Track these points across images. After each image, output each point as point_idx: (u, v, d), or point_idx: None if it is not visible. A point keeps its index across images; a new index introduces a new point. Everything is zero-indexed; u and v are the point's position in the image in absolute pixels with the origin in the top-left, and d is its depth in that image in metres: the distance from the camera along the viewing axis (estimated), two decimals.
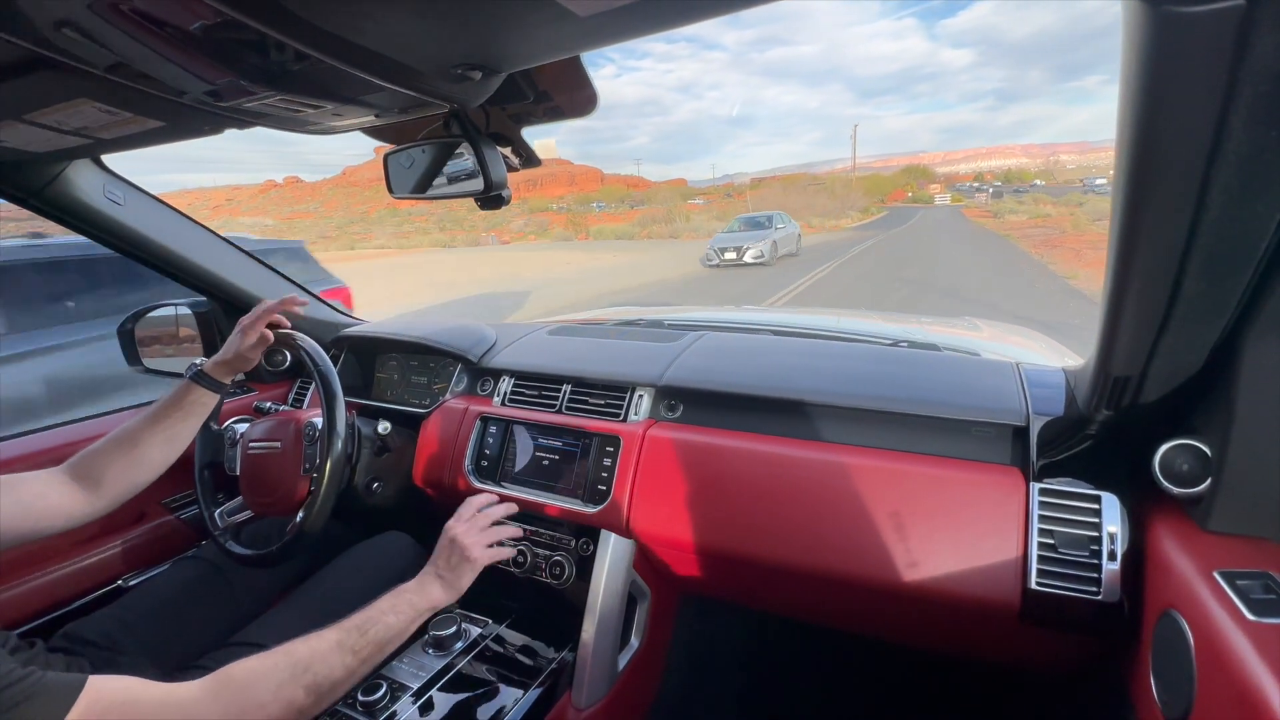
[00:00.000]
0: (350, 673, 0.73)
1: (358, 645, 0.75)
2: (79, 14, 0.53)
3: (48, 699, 0.53)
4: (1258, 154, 0.42)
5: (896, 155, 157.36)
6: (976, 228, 29.23)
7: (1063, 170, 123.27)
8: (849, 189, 62.93)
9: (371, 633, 0.77)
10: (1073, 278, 10.37)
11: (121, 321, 1.45)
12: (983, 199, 65.66)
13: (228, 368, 1.01)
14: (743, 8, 0.55)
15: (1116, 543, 0.79)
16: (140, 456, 0.93)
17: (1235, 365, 0.60)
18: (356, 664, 0.74)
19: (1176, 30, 0.37)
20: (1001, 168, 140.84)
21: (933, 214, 50.26)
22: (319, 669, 0.70)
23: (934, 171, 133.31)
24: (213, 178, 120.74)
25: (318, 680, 0.69)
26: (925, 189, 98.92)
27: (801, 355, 1.22)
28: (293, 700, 0.66)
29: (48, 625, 1.17)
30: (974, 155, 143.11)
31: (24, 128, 0.86)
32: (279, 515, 1.14)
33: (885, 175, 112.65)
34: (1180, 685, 0.59)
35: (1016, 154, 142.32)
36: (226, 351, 1.02)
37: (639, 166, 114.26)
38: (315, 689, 0.68)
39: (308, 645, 0.71)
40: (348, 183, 42.09)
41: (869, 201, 65.88)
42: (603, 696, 1.07)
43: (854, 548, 0.92)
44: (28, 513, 0.81)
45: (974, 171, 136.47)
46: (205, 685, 0.63)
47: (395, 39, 0.61)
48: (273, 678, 0.66)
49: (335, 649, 0.73)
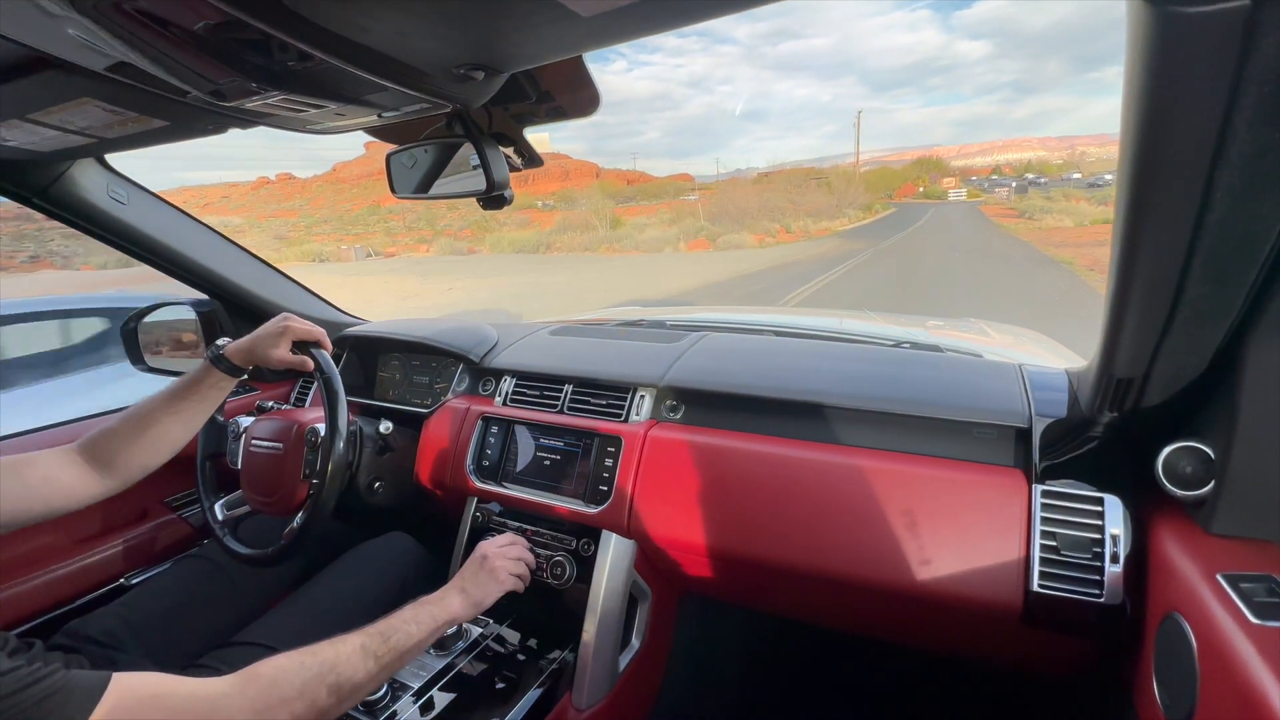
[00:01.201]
0: (370, 677, 0.74)
1: (380, 651, 0.76)
2: (83, 14, 0.53)
3: (73, 696, 0.53)
4: (1262, 155, 0.42)
5: (910, 149, 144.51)
6: (1003, 235, 22.85)
7: (1087, 162, 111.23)
8: (850, 184, 53.65)
9: (393, 640, 0.78)
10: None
11: (124, 321, 1.45)
12: (1004, 194, 59.86)
13: (248, 355, 1.00)
14: (745, 8, 0.55)
15: (1119, 545, 0.79)
16: (154, 437, 0.92)
17: (1238, 367, 0.60)
18: (377, 669, 0.75)
19: (1181, 30, 0.36)
20: (1020, 160, 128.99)
21: (945, 212, 43.86)
22: (343, 670, 0.71)
23: (948, 164, 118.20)
24: (215, 175, 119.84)
25: (340, 682, 0.70)
26: (938, 183, 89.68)
27: (803, 356, 1.22)
28: (316, 700, 0.67)
29: (50, 623, 1.17)
30: (989, 148, 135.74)
31: (28, 127, 0.86)
32: (277, 515, 1.14)
33: (895, 169, 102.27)
34: (1183, 688, 0.59)
35: (1034, 146, 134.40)
36: (252, 339, 1.01)
37: (635, 161, 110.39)
38: (338, 690, 0.69)
39: (333, 648, 0.72)
40: (337, 179, 40.43)
41: (874, 198, 57.74)
42: (603, 697, 1.06)
43: (855, 549, 0.92)
44: (34, 495, 0.81)
45: (991, 165, 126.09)
46: (233, 680, 0.64)
47: (398, 39, 0.61)
48: (299, 676, 0.67)
49: (359, 653, 0.74)
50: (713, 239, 26.79)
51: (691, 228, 28.68)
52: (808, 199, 45.84)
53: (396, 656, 0.78)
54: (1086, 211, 29.62)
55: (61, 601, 1.21)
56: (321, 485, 1.02)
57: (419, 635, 0.82)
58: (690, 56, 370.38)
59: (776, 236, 28.99)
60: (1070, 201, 37.59)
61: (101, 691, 0.54)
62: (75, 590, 1.24)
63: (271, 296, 1.54)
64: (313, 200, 34.44)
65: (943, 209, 48.20)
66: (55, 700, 0.52)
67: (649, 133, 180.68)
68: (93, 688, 0.54)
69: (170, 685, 0.60)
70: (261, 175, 54.51)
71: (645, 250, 24.11)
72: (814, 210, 41.49)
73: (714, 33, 62.65)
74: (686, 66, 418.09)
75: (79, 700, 0.53)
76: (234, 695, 0.62)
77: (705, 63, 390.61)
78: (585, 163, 71.17)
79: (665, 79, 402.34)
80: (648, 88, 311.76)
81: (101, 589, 1.27)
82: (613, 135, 54.08)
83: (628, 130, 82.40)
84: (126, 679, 0.57)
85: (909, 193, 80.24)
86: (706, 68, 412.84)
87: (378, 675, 0.75)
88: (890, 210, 49.59)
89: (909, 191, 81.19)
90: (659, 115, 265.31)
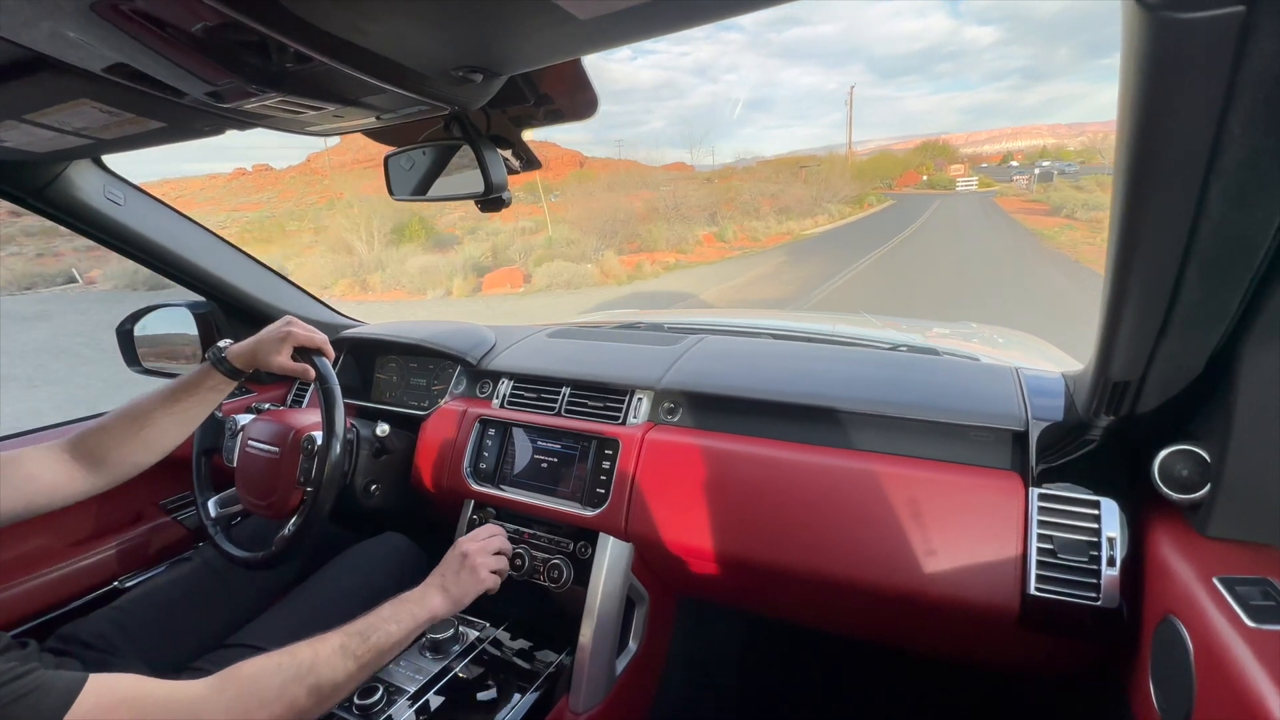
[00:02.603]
0: (350, 677, 0.74)
1: (359, 650, 0.75)
2: (80, 15, 0.53)
3: (48, 695, 0.53)
4: (1257, 160, 0.42)
5: (916, 137, 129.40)
6: (1037, 244, 15.00)
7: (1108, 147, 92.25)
8: (835, 173, 40.05)
9: (373, 639, 0.77)
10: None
11: (120, 322, 1.45)
12: (1023, 183, 46.83)
13: (250, 359, 1.00)
14: (745, 11, 0.55)
15: (1116, 548, 0.79)
16: (149, 436, 0.92)
17: (1234, 371, 0.60)
18: (357, 669, 0.74)
19: (1176, 36, 0.37)
20: (1034, 148, 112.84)
21: (953, 206, 32.69)
22: (322, 671, 0.70)
23: (955, 149, 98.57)
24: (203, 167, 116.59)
25: (320, 683, 0.69)
26: (944, 170, 74.37)
27: (801, 359, 1.22)
28: (295, 701, 0.67)
29: (44, 626, 1.16)
30: (998, 136, 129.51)
31: (25, 128, 0.86)
32: (269, 518, 1.14)
33: (896, 155, 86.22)
34: (1179, 691, 0.59)
35: (1044, 134, 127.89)
36: (253, 342, 1.00)
37: (620, 149, 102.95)
38: (317, 691, 0.69)
39: (311, 648, 0.72)
40: (310, 170, 37.38)
41: (867, 188, 43.61)
42: (600, 700, 1.06)
43: (852, 551, 0.92)
44: (18, 493, 0.80)
45: (1000, 152, 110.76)
46: (210, 683, 0.64)
47: (397, 41, 0.61)
48: (277, 677, 0.67)
49: (338, 653, 0.73)
50: (532, 269, 15.06)
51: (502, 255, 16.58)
52: (792, 191, 34.05)
53: (376, 655, 0.77)
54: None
55: (55, 604, 1.20)
56: (316, 494, 1.01)
57: (399, 634, 0.81)
58: (695, 44, 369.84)
59: (692, 252, 18.23)
60: (1107, 193, 32.52)
61: (77, 692, 0.54)
62: (69, 593, 1.23)
63: (268, 298, 1.54)
64: (283, 193, 31.22)
65: (950, 202, 37.72)
66: (29, 700, 0.52)
67: (654, 121, 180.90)
68: (68, 689, 0.54)
69: (147, 687, 0.60)
70: (239, 166, 50.91)
71: (411, 292, 14.14)
72: (786, 206, 29.86)
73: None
74: (692, 54, 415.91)
75: (54, 701, 0.53)
76: (212, 698, 0.62)
77: (710, 50, 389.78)
78: (572, 152, 67.06)
79: (670, 67, 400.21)
80: (652, 77, 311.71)
81: (95, 592, 1.26)
82: (618, 125, 52.76)
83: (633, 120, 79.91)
84: (103, 680, 0.57)
85: (911, 181, 66.56)
86: (712, 55, 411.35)
87: (357, 675, 0.75)
88: (887, 203, 39.68)
89: (911, 180, 67.05)
90: (664, 104, 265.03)
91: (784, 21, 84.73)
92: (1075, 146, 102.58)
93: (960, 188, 55.86)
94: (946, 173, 71.13)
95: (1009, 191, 42.42)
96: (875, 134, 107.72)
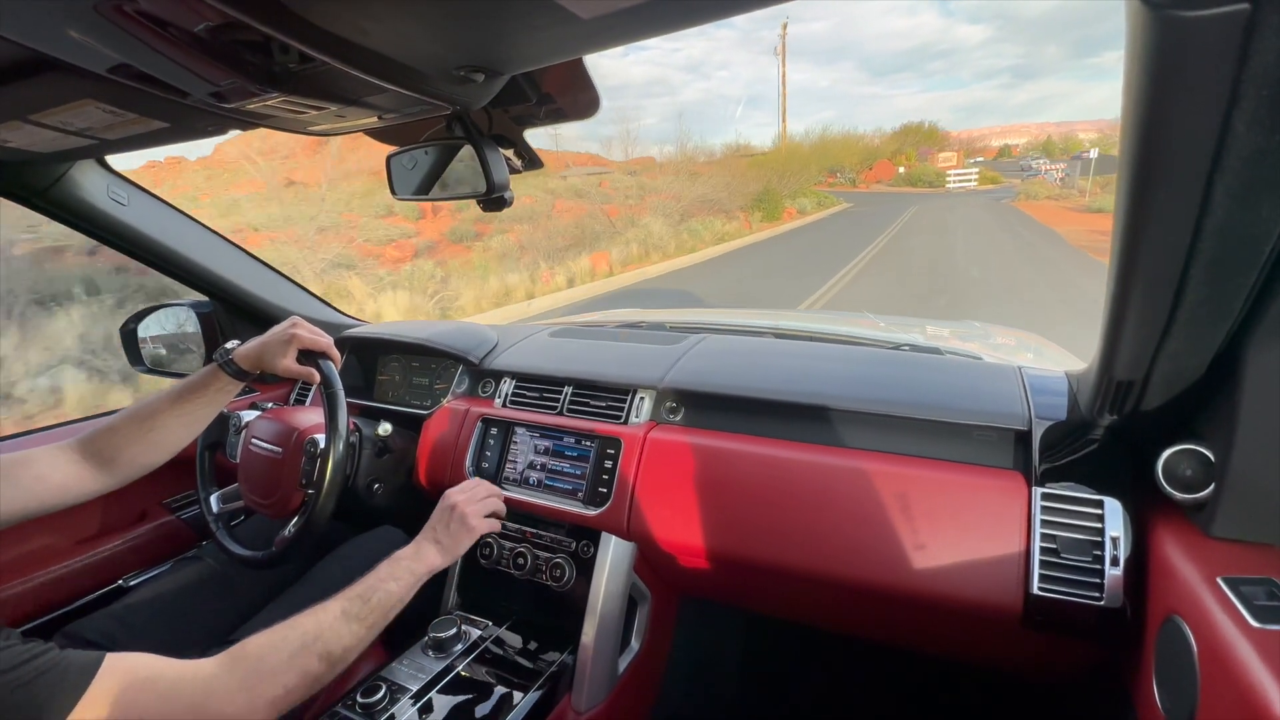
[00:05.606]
0: (358, 639, 0.75)
1: (362, 613, 0.76)
2: (84, 15, 0.53)
3: (68, 674, 0.54)
4: (1261, 158, 0.42)
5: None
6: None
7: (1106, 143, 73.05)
8: (753, 166, 23.20)
9: (374, 600, 0.79)
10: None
11: (124, 321, 1.45)
12: (1055, 175, 32.20)
13: (256, 361, 1.00)
14: (745, 10, 0.55)
15: (1119, 548, 0.78)
16: (156, 437, 0.92)
17: (1239, 370, 0.60)
18: (363, 630, 0.76)
19: (1180, 34, 0.36)
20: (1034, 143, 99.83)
21: (939, 217, 18.48)
22: (328, 637, 0.72)
23: (944, 135, 69.12)
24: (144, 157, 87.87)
25: (329, 648, 0.71)
26: (929, 160, 51.64)
27: (803, 358, 1.22)
28: (307, 668, 0.68)
29: (49, 624, 1.17)
30: (988, 134, 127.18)
31: (29, 128, 0.86)
32: (271, 516, 1.14)
33: (870, 142, 55.54)
34: (1183, 691, 0.59)
35: (1033, 132, 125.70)
36: (259, 344, 1.00)
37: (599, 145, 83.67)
38: (328, 656, 0.70)
39: (313, 618, 0.73)
40: (214, 162, 33.21)
41: (806, 183, 26.27)
42: (603, 699, 1.06)
43: (855, 551, 0.92)
44: (28, 493, 0.81)
45: (996, 148, 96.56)
46: (219, 660, 0.65)
47: (399, 41, 0.61)
48: (284, 648, 0.68)
49: (341, 618, 0.75)
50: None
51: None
52: (694, 192, 16.80)
53: (380, 615, 0.79)
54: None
55: (59, 603, 1.21)
56: (317, 497, 1.01)
57: (399, 591, 0.82)
58: (687, 40, 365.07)
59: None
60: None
61: (95, 670, 0.56)
62: (73, 592, 1.23)
63: (271, 298, 1.54)
64: (178, 188, 28.76)
65: (934, 206, 23.49)
66: (49, 678, 0.53)
67: (646, 118, 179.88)
68: (86, 667, 0.56)
69: (161, 667, 0.61)
70: (150, 159, 40.86)
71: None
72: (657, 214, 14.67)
73: None
74: (683, 50, 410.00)
75: (73, 678, 0.54)
76: (223, 675, 0.64)
77: (703, 47, 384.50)
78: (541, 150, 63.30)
79: (662, 64, 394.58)
80: (644, 73, 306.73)
81: (100, 590, 1.27)
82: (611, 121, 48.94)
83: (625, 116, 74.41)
84: (119, 659, 0.58)
85: (884, 175, 46.51)
86: (704, 52, 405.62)
87: (365, 636, 0.76)
88: (838, 206, 24.68)
89: (884, 174, 46.67)
90: (656, 100, 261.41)
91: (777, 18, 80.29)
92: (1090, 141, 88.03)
93: (953, 184, 39.80)
94: (932, 163, 50.36)
95: (1038, 192, 26.70)
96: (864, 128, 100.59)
